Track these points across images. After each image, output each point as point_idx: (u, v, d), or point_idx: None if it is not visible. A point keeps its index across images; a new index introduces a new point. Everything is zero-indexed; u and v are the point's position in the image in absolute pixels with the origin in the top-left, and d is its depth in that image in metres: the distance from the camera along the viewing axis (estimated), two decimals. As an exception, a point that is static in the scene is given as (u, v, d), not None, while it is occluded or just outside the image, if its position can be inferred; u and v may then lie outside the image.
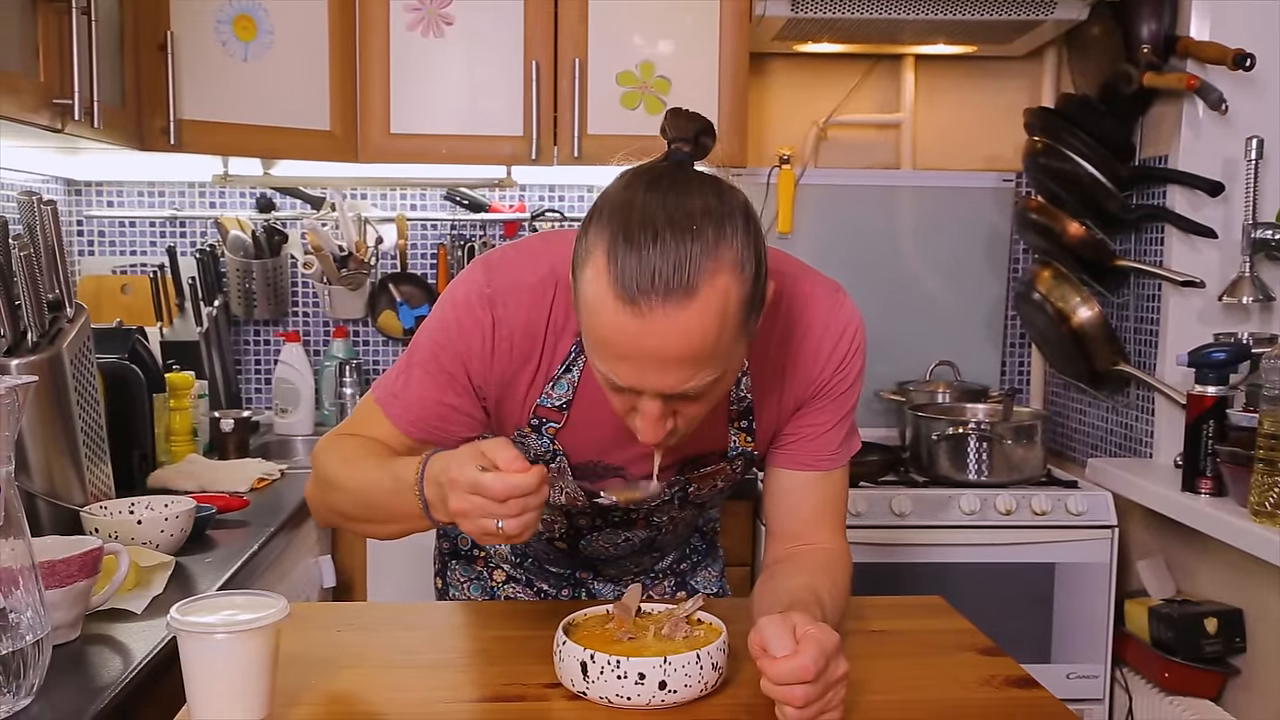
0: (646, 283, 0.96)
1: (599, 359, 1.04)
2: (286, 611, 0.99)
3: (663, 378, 1.01)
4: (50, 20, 1.70)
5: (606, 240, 0.99)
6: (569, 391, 1.20)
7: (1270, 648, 2.05)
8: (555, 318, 1.18)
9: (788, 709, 0.96)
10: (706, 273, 0.97)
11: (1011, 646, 1.32)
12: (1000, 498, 2.33)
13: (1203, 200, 2.25)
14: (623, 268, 0.97)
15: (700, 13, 2.44)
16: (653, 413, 1.05)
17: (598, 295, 0.99)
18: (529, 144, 2.45)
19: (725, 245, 0.99)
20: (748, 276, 1.01)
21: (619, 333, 0.99)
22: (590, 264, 1.01)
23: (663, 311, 0.96)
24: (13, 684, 1.02)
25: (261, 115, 2.33)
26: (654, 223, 0.98)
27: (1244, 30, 2.21)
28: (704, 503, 1.38)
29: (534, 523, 1.02)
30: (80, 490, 1.64)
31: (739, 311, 1.01)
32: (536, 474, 1.00)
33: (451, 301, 1.19)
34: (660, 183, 1.02)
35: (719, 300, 0.98)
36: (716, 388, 1.06)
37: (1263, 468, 1.84)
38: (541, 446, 1.25)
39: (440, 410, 1.20)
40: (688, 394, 1.03)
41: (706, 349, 0.99)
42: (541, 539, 1.42)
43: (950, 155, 2.90)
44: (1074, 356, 2.53)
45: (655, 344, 0.98)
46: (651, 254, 0.97)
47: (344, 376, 2.75)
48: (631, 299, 0.97)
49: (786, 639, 0.97)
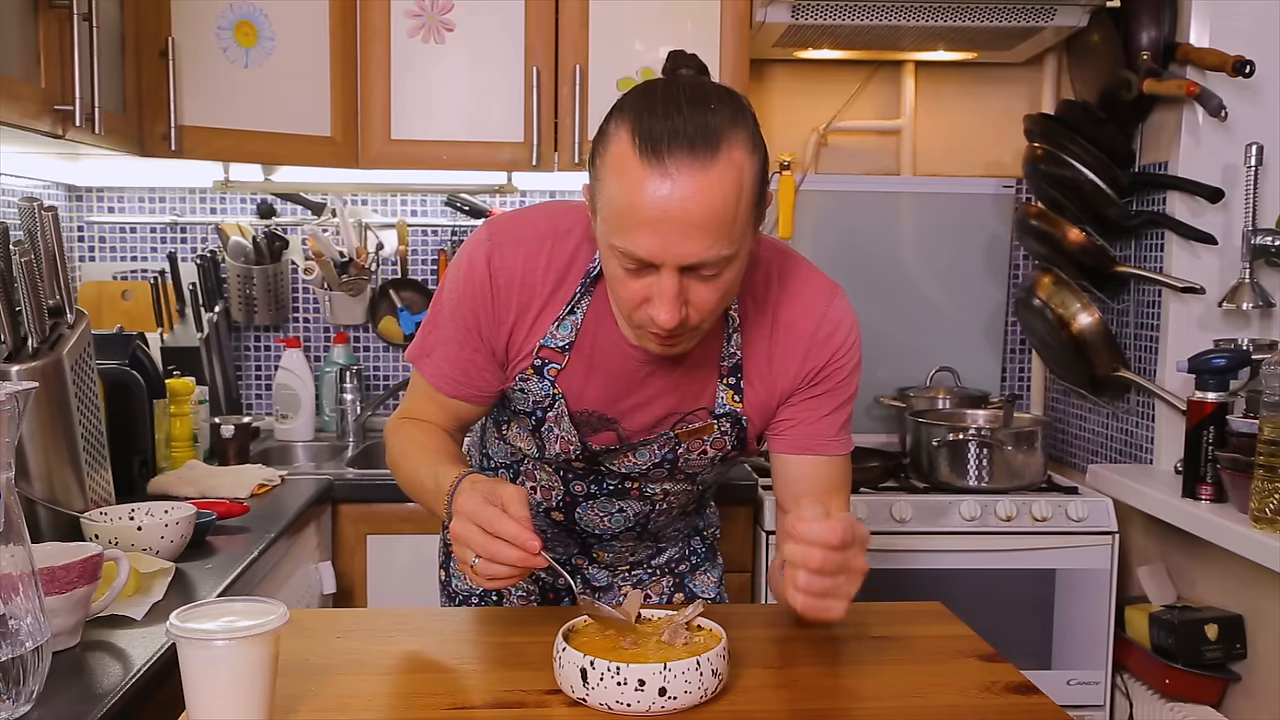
0: (672, 143, 1.04)
1: (620, 235, 1.08)
2: (286, 618, 0.99)
3: (684, 243, 1.06)
4: (52, 26, 1.71)
5: (629, 118, 1.07)
6: (571, 333, 1.27)
7: (1271, 654, 2.05)
8: (555, 265, 1.26)
9: (800, 574, 1.00)
10: (725, 142, 1.05)
11: (1012, 653, 1.32)
12: (1000, 504, 2.33)
13: (1203, 206, 2.25)
14: (648, 131, 1.05)
15: (701, 19, 2.45)
16: (670, 290, 1.09)
17: (623, 162, 1.06)
18: (530, 150, 2.45)
19: (740, 126, 1.08)
20: (759, 161, 1.09)
21: (645, 194, 1.05)
22: (614, 142, 1.08)
23: (689, 170, 1.04)
24: (12, 691, 1.01)
25: (262, 121, 2.33)
26: (676, 99, 1.07)
27: (1244, 37, 2.21)
28: (695, 475, 1.39)
29: (502, 576, 1.09)
30: (80, 496, 1.64)
31: (752, 189, 1.09)
32: (526, 536, 1.06)
33: (457, 262, 1.30)
34: (675, 78, 1.13)
35: (736, 170, 1.06)
36: (728, 272, 1.11)
37: (1263, 474, 1.84)
38: (542, 391, 1.30)
39: (464, 367, 1.31)
40: (704, 267, 1.08)
41: (727, 215, 1.06)
42: (539, 510, 1.44)
43: (951, 161, 2.91)
44: (1074, 362, 2.53)
45: (679, 205, 1.04)
46: (675, 120, 1.05)
47: (344, 382, 2.75)
48: (658, 158, 1.04)
49: (821, 512, 1.05)
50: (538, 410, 1.32)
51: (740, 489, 2.30)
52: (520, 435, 1.39)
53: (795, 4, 2.37)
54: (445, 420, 1.37)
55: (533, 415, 1.33)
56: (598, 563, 1.52)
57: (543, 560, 1.08)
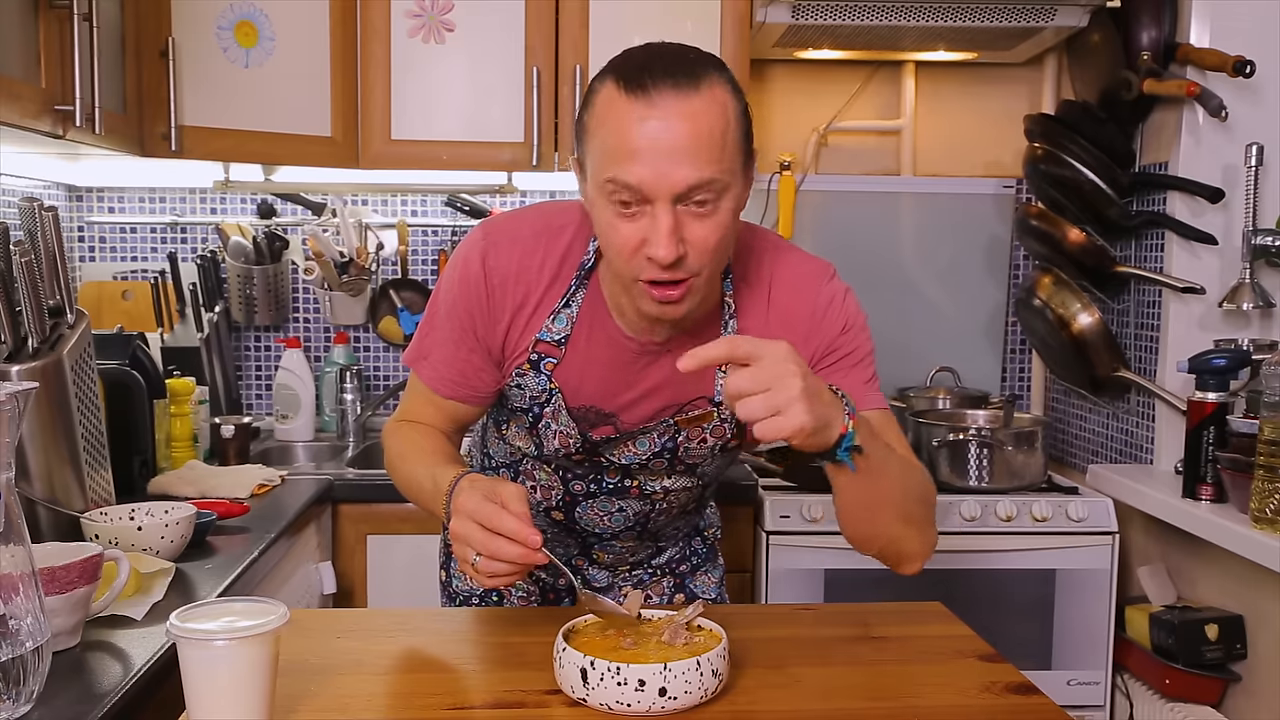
0: (654, 74, 1.09)
1: (611, 169, 1.10)
2: (286, 618, 0.99)
3: (675, 169, 1.08)
4: (52, 26, 1.71)
5: (612, 72, 1.13)
6: (567, 326, 1.28)
7: (1271, 654, 2.05)
8: (550, 261, 1.27)
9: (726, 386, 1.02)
10: (706, 78, 1.10)
11: (1012, 653, 1.32)
12: (1001, 504, 2.33)
13: (1203, 207, 2.25)
14: (630, 69, 1.11)
15: (701, 19, 2.45)
16: (665, 223, 1.10)
17: (610, 105, 1.11)
18: (530, 150, 2.45)
19: (720, 71, 1.13)
20: (741, 104, 1.14)
21: (634, 126, 1.08)
22: (600, 93, 1.13)
23: (672, 95, 1.08)
24: (12, 691, 1.01)
25: (263, 121, 2.33)
26: (656, 49, 1.15)
27: (1244, 37, 2.21)
28: (695, 467, 1.38)
29: (503, 574, 1.09)
30: (80, 496, 1.64)
31: (738, 124, 1.13)
32: (527, 531, 1.06)
33: (452, 263, 1.31)
34: (652, 42, 1.19)
35: (720, 102, 1.11)
36: (723, 204, 1.13)
37: (1263, 474, 1.84)
38: (538, 386, 1.30)
39: (461, 367, 1.32)
40: (696, 192, 1.10)
41: (715, 140, 1.09)
42: (540, 510, 1.44)
43: (951, 162, 2.91)
44: (1074, 363, 2.53)
45: (666, 133, 1.08)
46: (657, 62, 1.11)
47: (344, 383, 2.74)
48: (643, 91, 1.08)
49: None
50: (535, 406, 1.32)
51: (741, 489, 2.30)
52: (519, 434, 1.39)
53: (795, 4, 2.36)
54: (442, 422, 1.37)
55: (530, 412, 1.33)
56: (598, 563, 1.52)
57: (544, 556, 1.08)
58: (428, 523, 2.16)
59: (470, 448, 1.63)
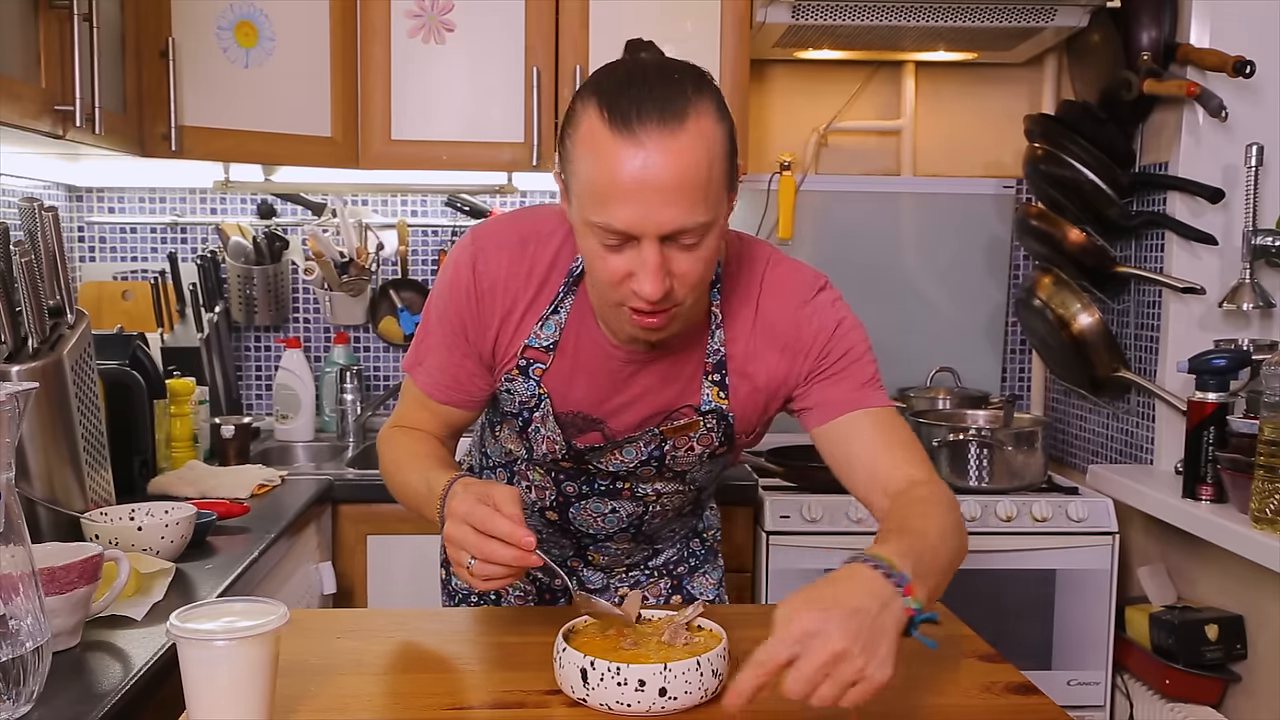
0: (641, 113, 1.05)
1: (598, 210, 1.09)
2: (286, 618, 0.99)
3: (663, 211, 1.06)
4: (52, 26, 1.71)
5: (596, 96, 1.09)
6: (555, 332, 1.28)
7: (1271, 654, 2.05)
8: (538, 267, 1.27)
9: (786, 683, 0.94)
10: (693, 109, 1.07)
11: (1012, 653, 1.32)
12: (1001, 504, 2.33)
13: (1203, 207, 2.25)
14: (616, 105, 1.06)
15: (701, 19, 2.45)
16: (652, 261, 1.09)
17: (594, 138, 1.07)
18: (530, 150, 2.45)
19: (705, 95, 1.10)
20: (727, 128, 1.11)
21: (619, 165, 1.06)
22: (583, 120, 1.09)
23: (658, 136, 1.05)
24: (12, 691, 1.01)
25: (263, 121, 2.33)
26: (640, 72, 1.10)
27: (1244, 37, 2.21)
28: (684, 474, 1.38)
29: (498, 576, 1.09)
30: (81, 496, 1.64)
31: (723, 154, 1.10)
32: (521, 533, 1.06)
33: (444, 268, 1.32)
34: (637, 57, 1.16)
35: (706, 137, 1.07)
36: (708, 240, 1.11)
37: (1263, 474, 1.84)
38: (527, 391, 1.30)
39: (454, 372, 1.32)
40: (683, 234, 1.08)
41: (700, 180, 1.07)
42: (534, 510, 1.44)
43: (951, 162, 2.91)
44: (1074, 363, 2.53)
45: (653, 173, 1.05)
46: (641, 92, 1.07)
47: (345, 383, 2.74)
48: (629, 129, 1.05)
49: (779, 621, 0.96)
50: (524, 411, 1.32)
51: (740, 489, 2.30)
52: (510, 437, 1.40)
53: (795, 4, 2.36)
54: (437, 427, 1.37)
55: (519, 416, 1.33)
56: (593, 565, 1.52)
57: (538, 558, 1.08)
58: (427, 523, 2.16)
59: (470, 448, 1.63)
